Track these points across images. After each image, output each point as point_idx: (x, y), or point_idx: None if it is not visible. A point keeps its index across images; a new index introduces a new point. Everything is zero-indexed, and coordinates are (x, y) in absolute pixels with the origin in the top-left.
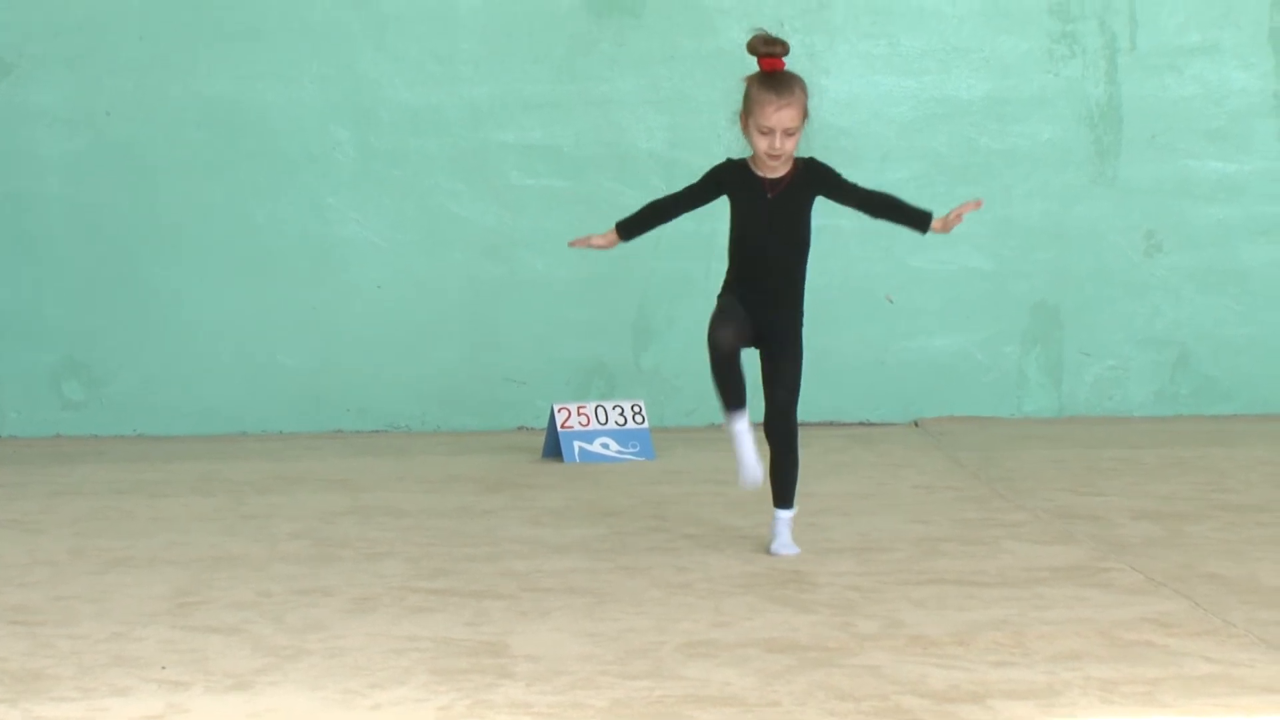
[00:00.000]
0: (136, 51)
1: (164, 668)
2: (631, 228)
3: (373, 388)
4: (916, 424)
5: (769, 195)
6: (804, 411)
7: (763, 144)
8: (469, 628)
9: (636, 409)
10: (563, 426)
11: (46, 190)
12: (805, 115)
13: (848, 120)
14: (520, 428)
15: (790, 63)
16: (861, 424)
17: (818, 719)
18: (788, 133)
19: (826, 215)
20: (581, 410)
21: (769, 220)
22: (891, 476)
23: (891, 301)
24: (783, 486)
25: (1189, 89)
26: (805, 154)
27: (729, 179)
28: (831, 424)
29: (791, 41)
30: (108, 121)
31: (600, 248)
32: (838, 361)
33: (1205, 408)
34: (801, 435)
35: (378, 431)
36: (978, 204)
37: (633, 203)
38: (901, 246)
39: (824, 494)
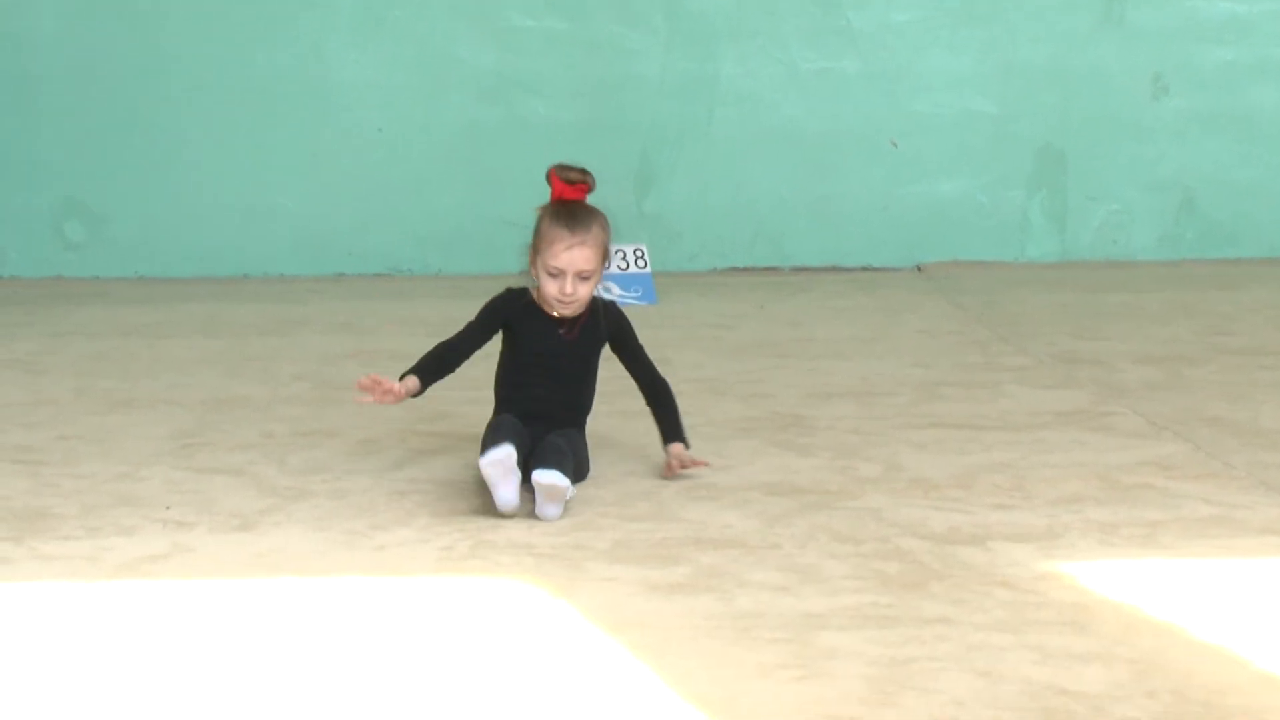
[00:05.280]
0: None
1: (168, 508)
2: (425, 376)
3: (373, 231)
4: (919, 268)
5: (564, 335)
6: (806, 255)
7: (552, 287)
8: (470, 470)
9: (639, 253)
10: None
11: (43, 30)
12: (605, 256)
13: None
14: (521, 272)
15: None
16: (864, 269)
17: (818, 561)
18: (581, 276)
19: (829, 58)
20: None
21: (558, 366)
22: (893, 321)
23: (895, 146)
24: None
25: None
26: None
27: (513, 312)
28: (834, 269)
29: None
30: None
31: (400, 397)
32: (840, 206)
33: (1209, 251)
34: (804, 279)
35: (379, 275)
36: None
37: (634, 46)
38: (904, 90)
39: (825, 338)
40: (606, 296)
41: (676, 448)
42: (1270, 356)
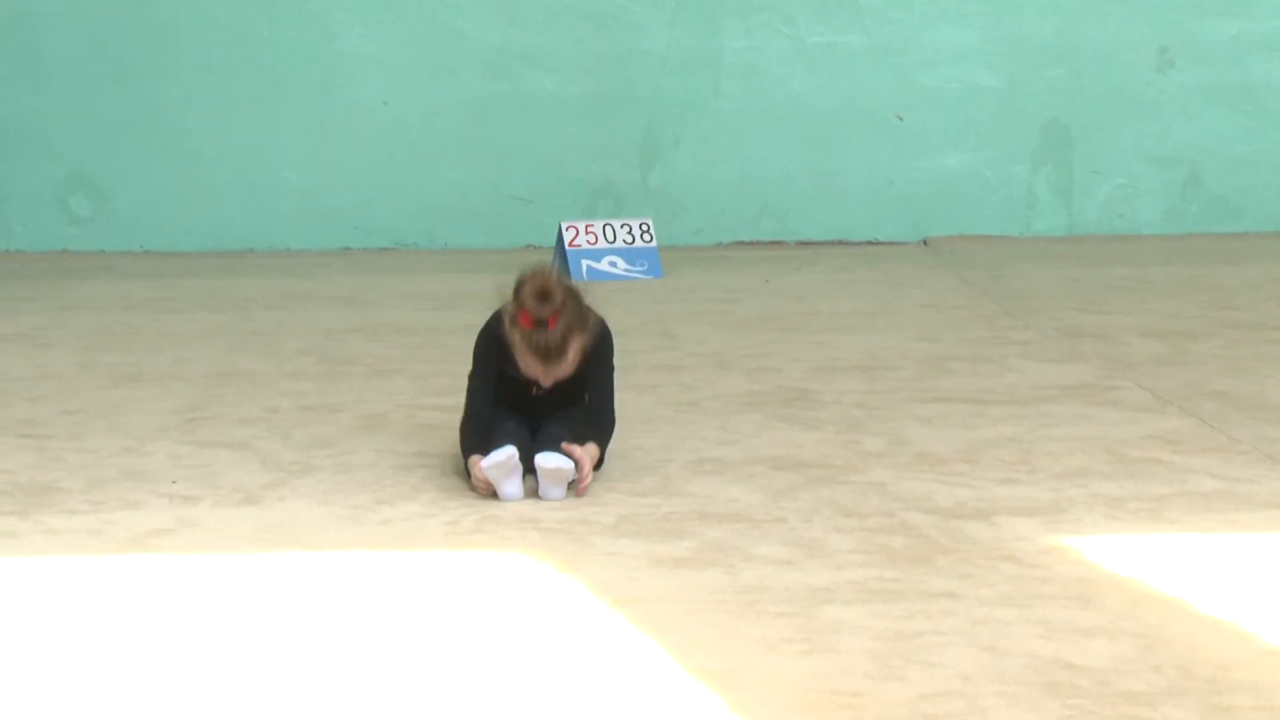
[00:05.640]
0: None
1: (174, 482)
2: (484, 447)
3: (379, 205)
4: (925, 243)
5: (537, 394)
6: (811, 230)
7: (528, 374)
8: None
9: (644, 227)
10: (571, 244)
11: (50, 6)
12: (583, 349)
13: None
14: (528, 245)
15: None
16: (869, 243)
17: (823, 535)
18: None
19: (835, 32)
20: (589, 228)
21: (542, 399)
22: (899, 295)
23: (901, 120)
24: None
25: None
26: None
27: (501, 342)
28: (839, 243)
29: None
30: None
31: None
32: (846, 180)
33: (1215, 225)
34: (809, 253)
35: (384, 249)
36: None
37: (640, 20)
38: (910, 65)
39: (830, 313)
40: (609, 270)
41: (592, 446)
42: (1275, 331)
